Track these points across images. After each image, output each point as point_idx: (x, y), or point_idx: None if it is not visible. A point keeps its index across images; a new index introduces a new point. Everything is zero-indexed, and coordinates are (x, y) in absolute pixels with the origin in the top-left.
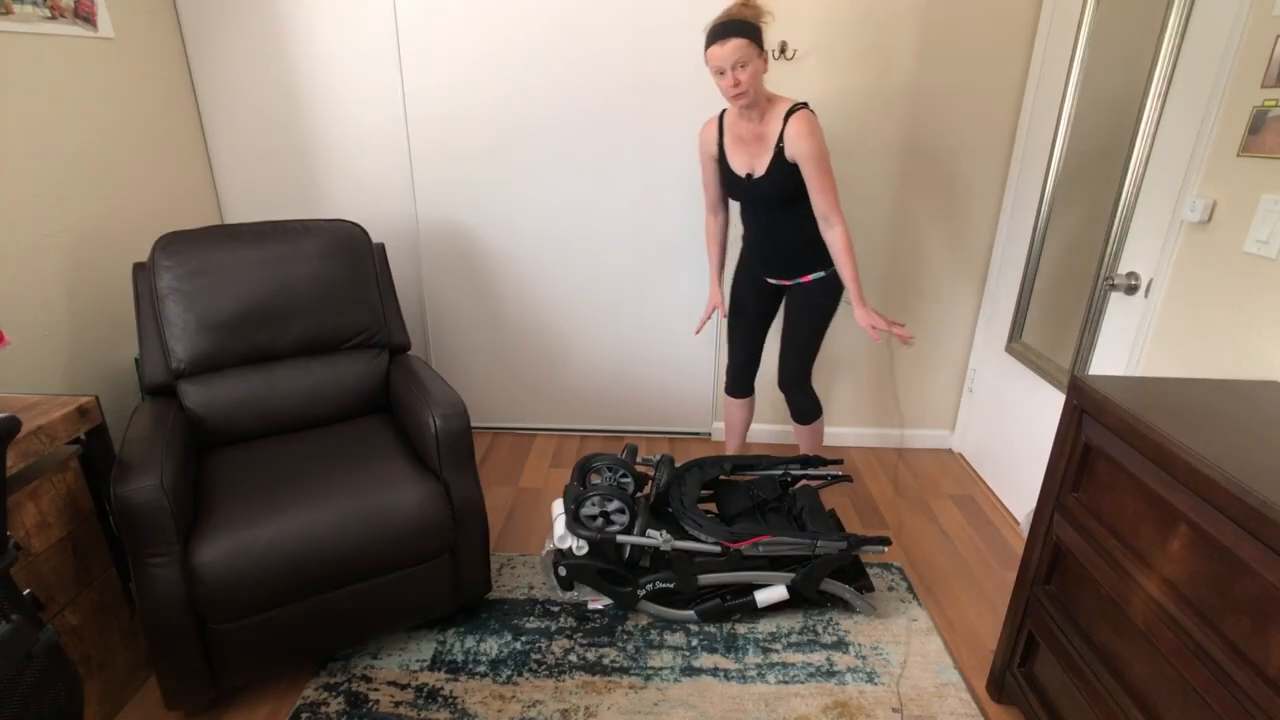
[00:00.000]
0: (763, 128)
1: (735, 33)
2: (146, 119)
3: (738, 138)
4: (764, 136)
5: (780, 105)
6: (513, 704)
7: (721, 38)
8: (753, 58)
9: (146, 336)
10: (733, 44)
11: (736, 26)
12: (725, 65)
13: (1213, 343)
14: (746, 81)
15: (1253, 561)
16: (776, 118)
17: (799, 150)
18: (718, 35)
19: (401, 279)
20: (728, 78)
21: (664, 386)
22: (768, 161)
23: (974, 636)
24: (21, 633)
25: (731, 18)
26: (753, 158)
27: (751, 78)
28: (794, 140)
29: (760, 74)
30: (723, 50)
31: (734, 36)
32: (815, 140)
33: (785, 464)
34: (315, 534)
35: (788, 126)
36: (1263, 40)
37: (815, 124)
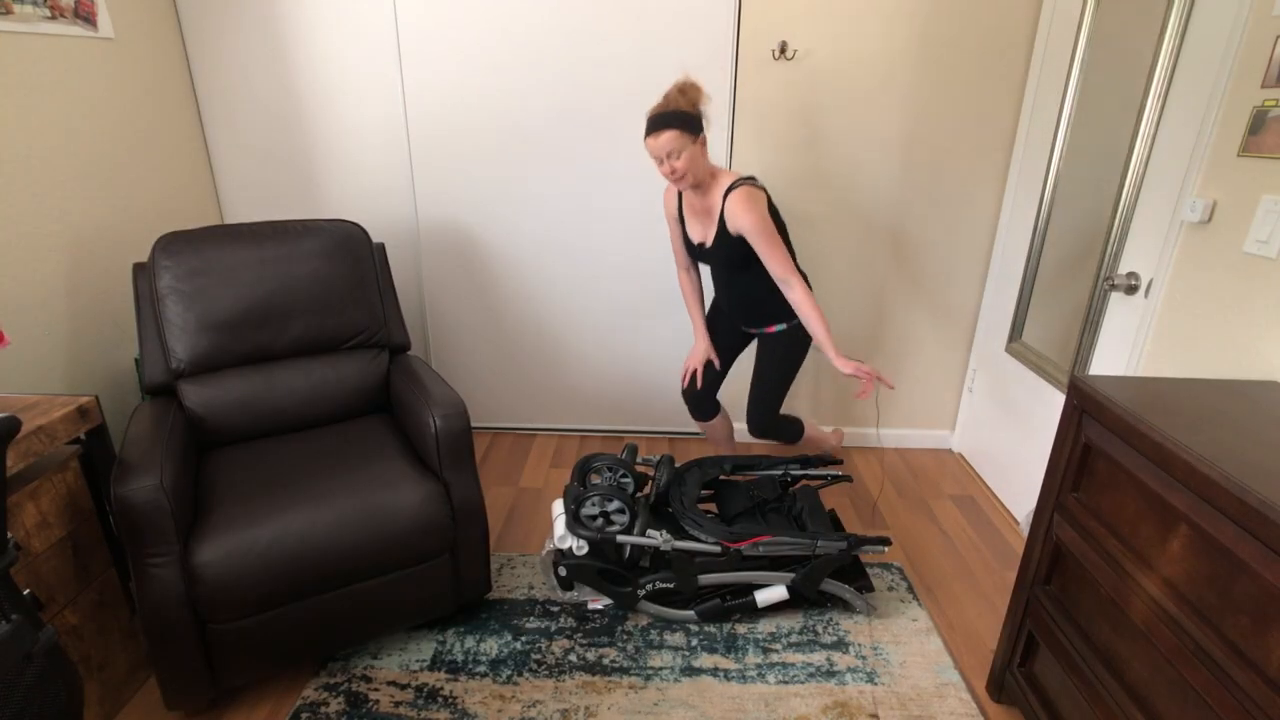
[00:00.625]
0: (708, 202)
1: (666, 125)
2: (146, 119)
3: (689, 205)
4: (710, 210)
5: (723, 181)
6: (513, 704)
7: (654, 130)
8: (686, 145)
9: (146, 336)
10: (665, 136)
11: (667, 119)
12: (660, 155)
13: (1213, 343)
14: (682, 168)
15: (1253, 561)
16: (718, 194)
17: (741, 226)
18: (651, 128)
19: (401, 279)
20: (665, 166)
21: (664, 387)
22: (714, 233)
23: (974, 636)
24: (21, 633)
25: (665, 109)
26: (704, 228)
27: (687, 164)
28: (734, 218)
29: (697, 157)
30: (656, 142)
31: (665, 129)
32: (754, 215)
33: (785, 464)
34: (315, 534)
35: (726, 204)
36: (1263, 40)
37: (753, 198)
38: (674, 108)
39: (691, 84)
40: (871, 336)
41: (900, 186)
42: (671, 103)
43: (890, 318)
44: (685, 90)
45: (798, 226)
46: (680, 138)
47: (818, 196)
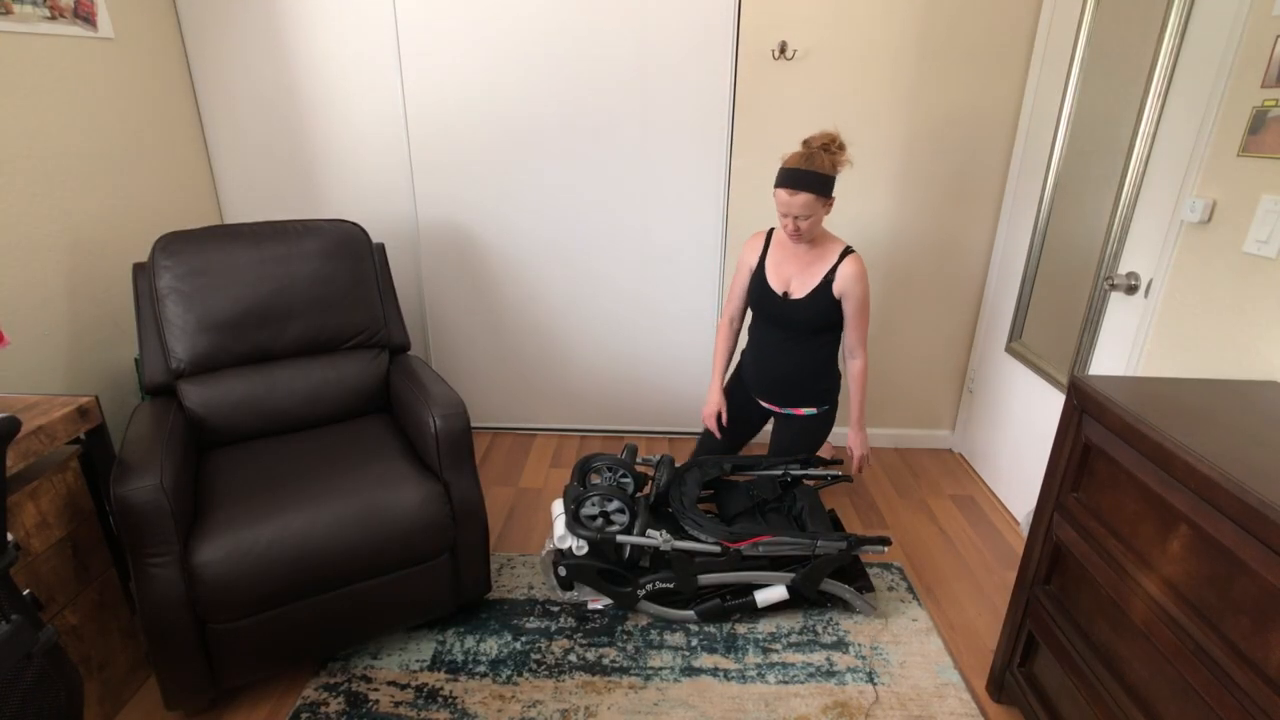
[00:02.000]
0: (813, 258)
1: (806, 186)
2: (146, 119)
3: (784, 256)
4: (813, 266)
5: (834, 244)
6: (513, 704)
7: (792, 187)
8: (818, 210)
9: (146, 336)
10: (802, 199)
11: (809, 180)
12: (790, 214)
13: (1213, 343)
14: (806, 229)
15: (1253, 561)
16: (831, 254)
17: (851, 291)
18: (789, 182)
19: (401, 279)
20: (789, 224)
21: (664, 386)
22: (812, 287)
23: (974, 636)
24: (21, 633)
25: (808, 169)
26: (793, 278)
27: (811, 227)
28: (849, 280)
29: (820, 221)
30: (792, 199)
31: (804, 190)
32: (866, 284)
33: (785, 464)
34: (315, 534)
35: (843, 266)
36: (1263, 40)
37: (865, 269)
38: (816, 168)
39: (840, 144)
40: (871, 336)
41: (900, 186)
42: (815, 161)
43: (890, 318)
44: (832, 150)
45: None
46: (815, 202)
47: None
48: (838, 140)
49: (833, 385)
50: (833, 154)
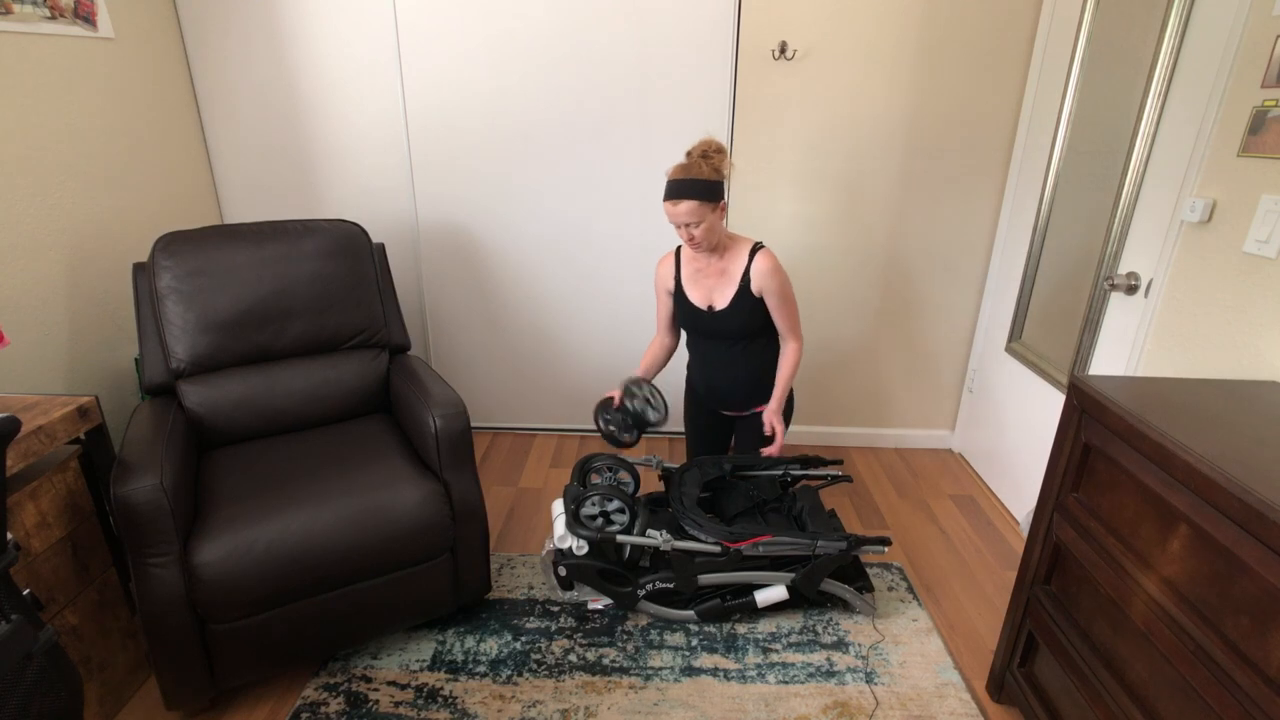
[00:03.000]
0: (725, 264)
1: (687, 194)
2: (146, 119)
3: (697, 271)
4: (726, 272)
5: (743, 244)
6: (513, 704)
7: (674, 198)
8: (707, 215)
9: (146, 336)
10: (684, 206)
11: (688, 188)
12: (679, 223)
13: (1213, 343)
14: (701, 236)
15: (1253, 561)
16: (740, 255)
17: (768, 286)
18: (670, 194)
19: (401, 279)
20: (683, 233)
21: (664, 386)
22: (731, 294)
23: (974, 636)
24: (21, 633)
25: (686, 177)
26: (713, 291)
27: (706, 233)
28: (763, 277)
29: (715, 225)
30: (675, 210)
31: (685, 199)
32: (782, 275)
33: (785, 464)
34: (315, 534)
35: (754, 264)
36: (1263, 40)
37: (776, 260)
38: (695, 175)
39: (717, 148)
40: (872, 336)
41: (900, 186)
42: (693, 169)
43: (890, 317)
44: (709, 155)
45: (798, 226)
46: (700, 208)
47: (817, 196)
48: (714, 145)
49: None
50: (711, 159)
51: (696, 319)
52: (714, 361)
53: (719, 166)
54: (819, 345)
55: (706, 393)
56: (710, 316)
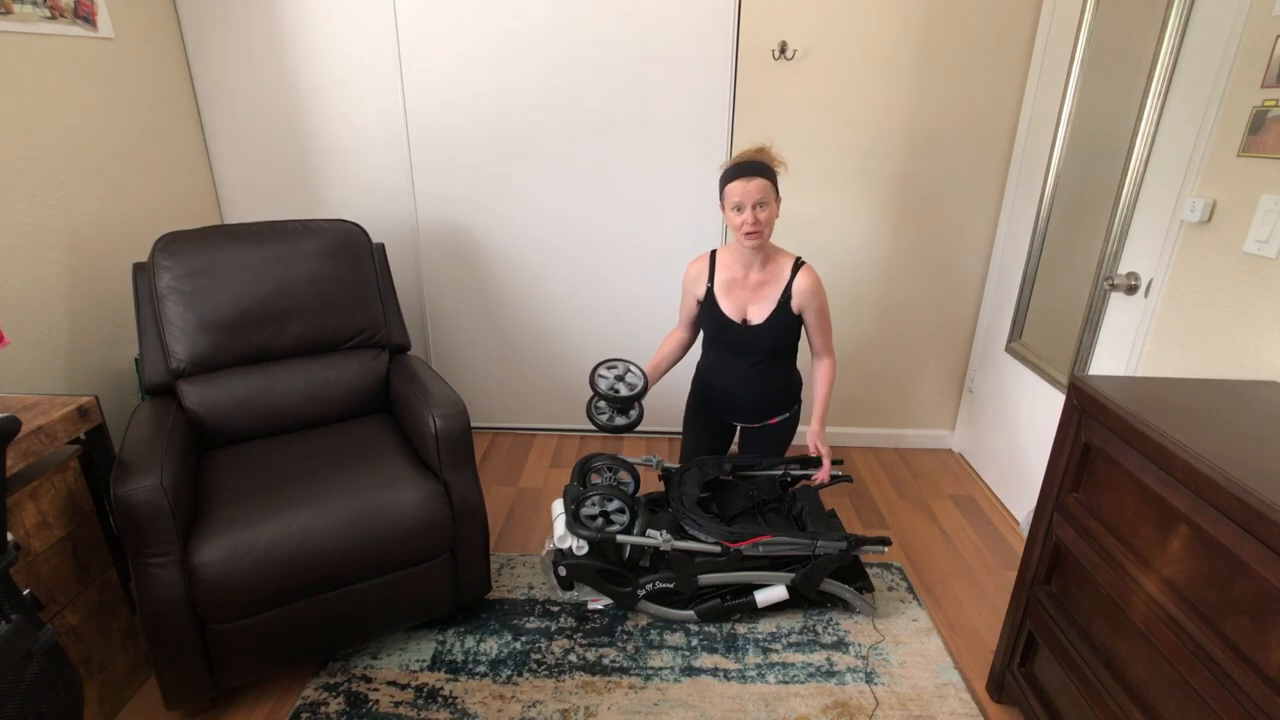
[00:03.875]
0: (765, 275)
1: (760, 173)
2: (146, 119)
3: (733, 280)
4: (765, 284)
5: (784, 258)
6: (513, 704)
7: (747, 174)
8: (772, 199)
9: (146, 336)
10: (758, 183)
11: (760, 167)
12: (748, 201)
13: (1213, 343)
14: (765, 220)
15: (1253, 561)
16: (783, 268)
17: (811, 304)
18: (743, 172)
19: (401, 279)
20: (747, 215)
21: (663, 386)
22: (769, 311)
23: (974, 636)
24: (21, 633)
25: (759, 159)
26: (749, 304)
27: (770, 218)
28: (806, 295)
29: (775, 218)
30: (748, 186)
31: (759, 176)
32: (824, 294)
33: (785, 464)
34: (315, 534)
35: (797, 279)
36: (1263, 40)
37: (820, 279)
38: (765, 160)
39: (777, 152)
40: (872, 336)
41: (900, 186)
42: (764, 155)
43: (890, 317)
44: (765, 150)
45: (799, 226)
46: (770, 189)
47: (818, 196)
48: (775, 151)
49: (796, 385)
50: (771, 156)
51: (726, 331)
52: (735, 372)
53: (776, 162)
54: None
55: (722, 401)
56: (743, 330)
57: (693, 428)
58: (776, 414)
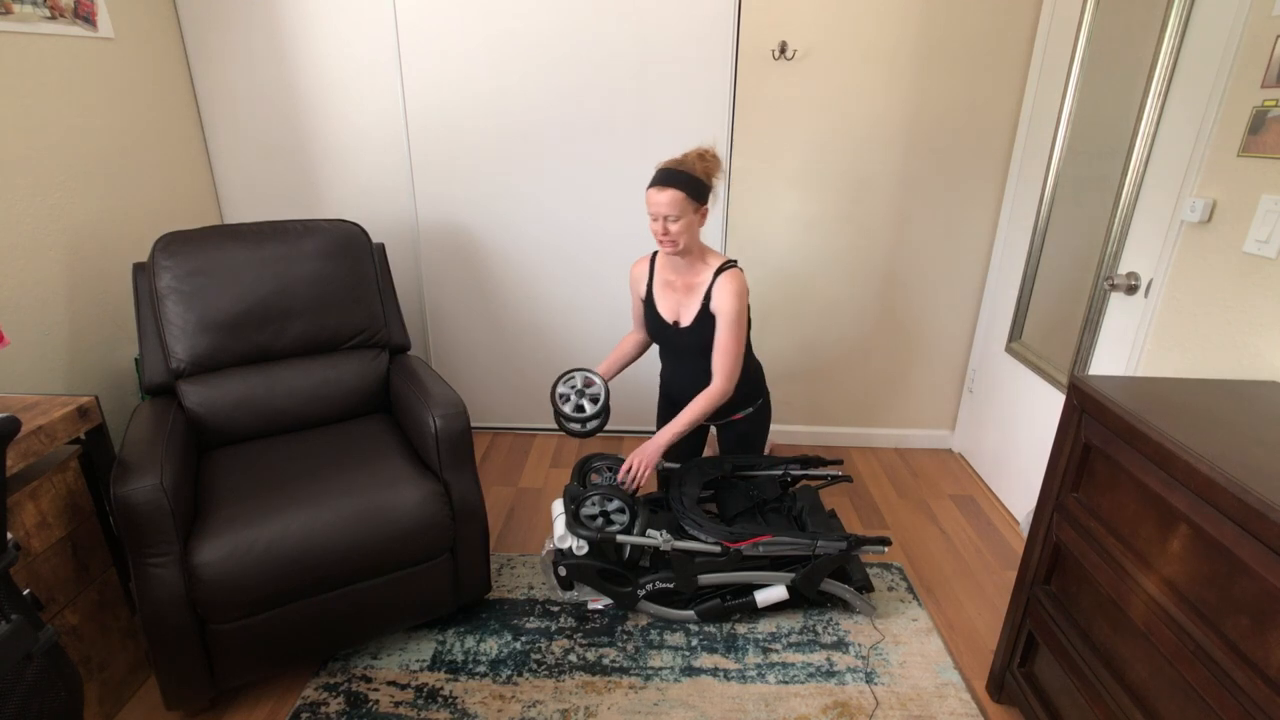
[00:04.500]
0: (693, 278)
1: (676, 184)
2: (146, 119)
3: (666, 282)
4: (694, 287)
5: (713, 260)
6: (513, 704)
7: (662, 184)
8: (688, 213)
9: (146, 336)
10: (670, 194)
11: (680, 179)
12: (658, 213)
13: (1213, 343)
14: (676, 233)
15: (1253, 561)
16: (708, 271)
17: (721, 305)
18: (659, 181)
19: (401, 279)
20: (658, 226)
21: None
22: (696, 312)
23: (974, 636)
24: (21, 633)
25: (679, 169)
26: (680, 306)
27: (682, 230)
28: (721, 293)
29: (693, 227)
30: (660, 197)
31: (674, 187)
32: (739, 301)
33: (785, 464)
34: (315, 534)
35: (717, 281)
36: (1263, 40)
37: (743, 285)
38: (687, 169)
39: (714, 155)
40: (871, 336)
41: (900, 186)
42: (686, 164)
43: (890, 317)
44: (705, 158)
45: (798, 227)
46: (685, 202)
47: (817, 196)
48: (712, 151)
49: (755, 379)
50: (706, 161)
51: (662, 331)
52: (683, 374)
53: (711, 171)
54: (818, 345)
55: (681, 401)
56: (675, 331)
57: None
58: (738, 410)
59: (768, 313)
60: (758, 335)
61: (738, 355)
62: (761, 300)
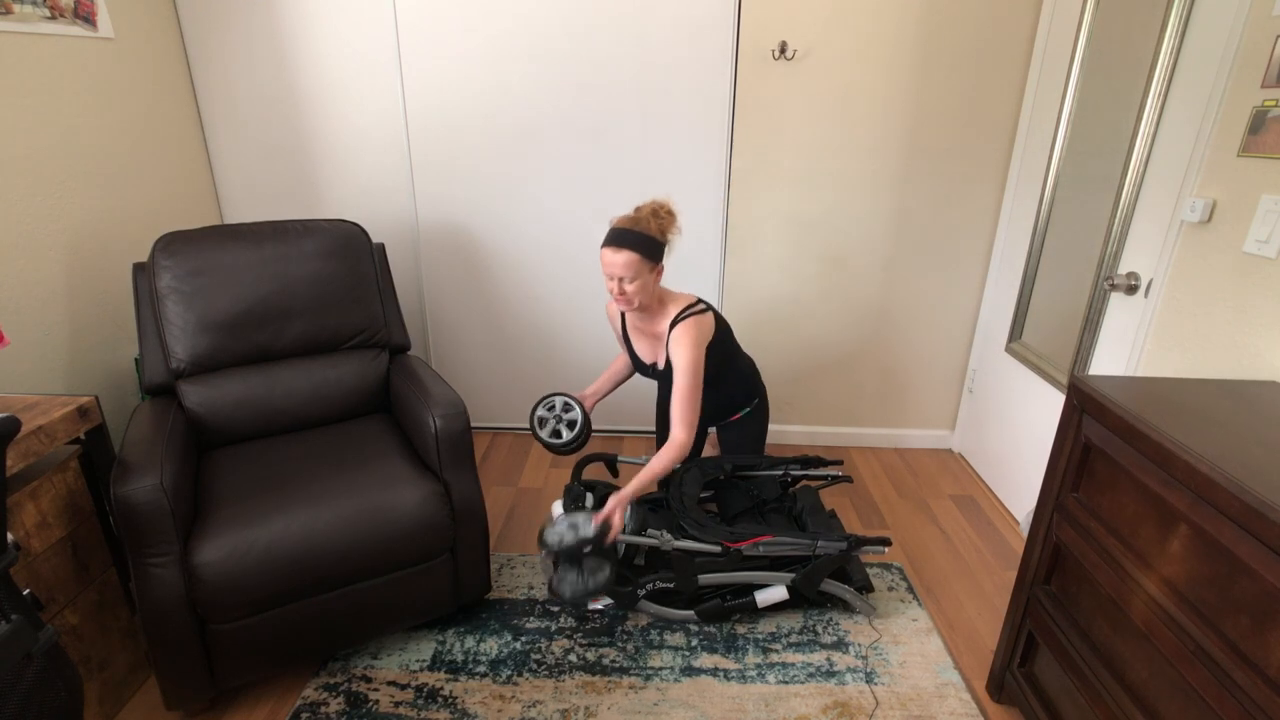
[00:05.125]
0: (656, 328)
1: (629, 244)
2: (146, 119)
3: (635, 329)
4: (659, 336)
5: (672, 308)
6: (513, 704)
7: (615, 245)
8: (643, 273)
9: (146, 336)
10: (625, 256)
11: (634, 239)
12: (613, 274)
13: (1213, 343)
14: (632, 293)
15: (1253, 561)
16: (666, 321)
17: (676, 357)
18: (612, 241)
19: (401, 279)
20: (614, 285)
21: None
22: (664, 358)
23: (974, 636)
24: (21, 633)
25: (632, 228)
26: (654, 350)
27: (638, 291)
28: (674, 347)
29: (649, 286)
30: (614, 258)
31: (628, 249)
32: (694, 351)
33: (785, 464)
34: (315, 534)
35: (672, 334)
36: (1263, 40)
37: (695, 334)
38: (642, 229)
39: (669, 211)
40: (872, 336)
41: (900, 186)
42: (641, 223)
43: (890, 317)
44: (660, 214)
45: (799, 226)
46: (639, 264)
47: (817, 196)
48: (666, 207)
49: (748, 383)
50: (661, 219)
51: (644, 370)
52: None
53: (666, 228)
54: (818, 345)
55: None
56: (655, 371)
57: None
58: (736, 411)
59: (767, 314)
60: (757, 336)
61: (694, 404)
62: (761, 301)
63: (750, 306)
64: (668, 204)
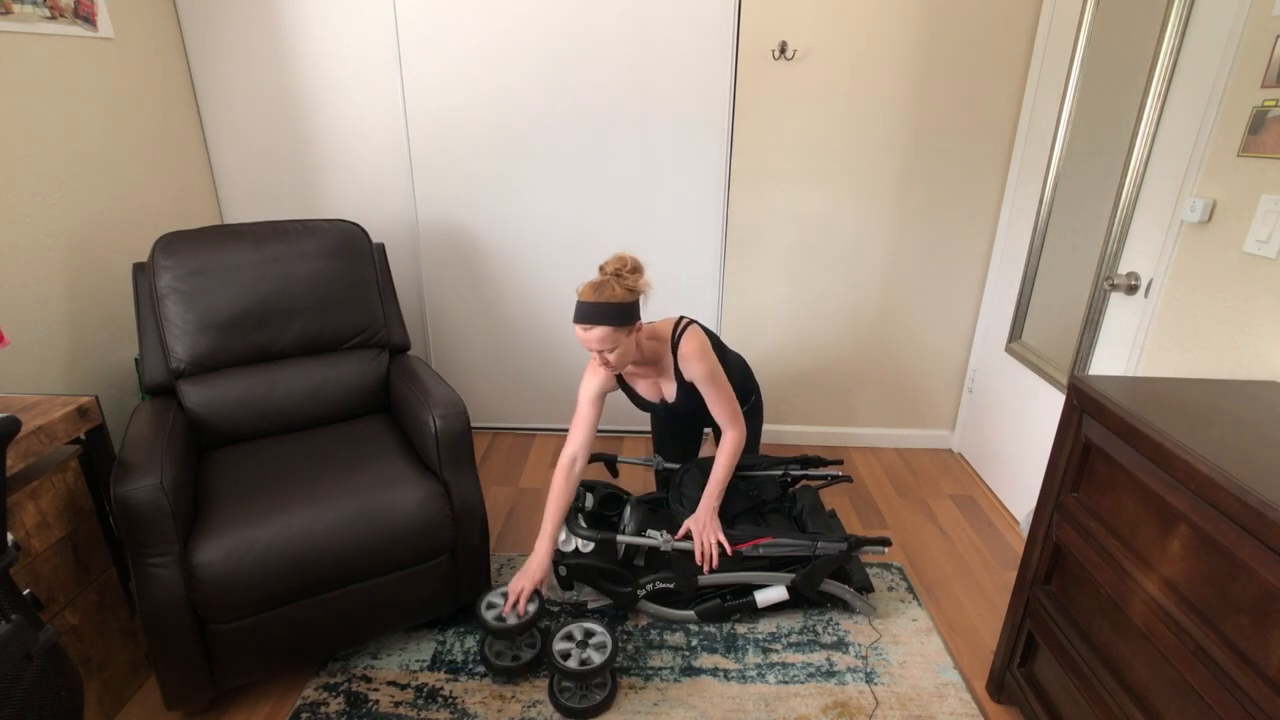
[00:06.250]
0: (657, 363)
1: (597, 320)
2: (146, 119)
3: (632, 374)
4: (663, 370)
5: (664, 339)
6: (513, 704)
7: (584, 323)
8: (620, 340)
9: (146, 336)
10: (598, 333)
11: (598, 313)
12: (591, 349)
13: (1213, 343)
14: (616, 361)
15: (1253, 561)
16: (666, 351)
17: (694, 373)
18: (580, 319)
19: (401, 279)
20: (595, 357)
21: None
22: (675, 388)
23: (974, 636)
24: (21, 633)
25: (599, 300)
26: (659, 387)
27: (621, 356)
28: (686, 367)
29: (629, 348)
30: (588, 335)
31: (596, 325)
32: (705, 362)
33: (785, 464)
34: (315, 534)
35: (678, 354)
36: (1263, 40)
37: (699, 344)
38: (607, 298)
39: (631, 266)
40: (872, 336)
41: (900, 186)
42: (605, 290)
43: (890, 317)
44: (622, 275)
45: (799, 226)
46: (613, 334)
47: (817, 196)
48: (629, 263)
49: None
50: (625, 279)
51: (653, 408)
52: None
53: (633, 286)
54: (818, 344)
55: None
56: (665, 407)
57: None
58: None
59: (767, 313)
60: (757, 335)
61: (733, 405)
62: (761, 300)
63: (750, 306)
64: (629, 259)
